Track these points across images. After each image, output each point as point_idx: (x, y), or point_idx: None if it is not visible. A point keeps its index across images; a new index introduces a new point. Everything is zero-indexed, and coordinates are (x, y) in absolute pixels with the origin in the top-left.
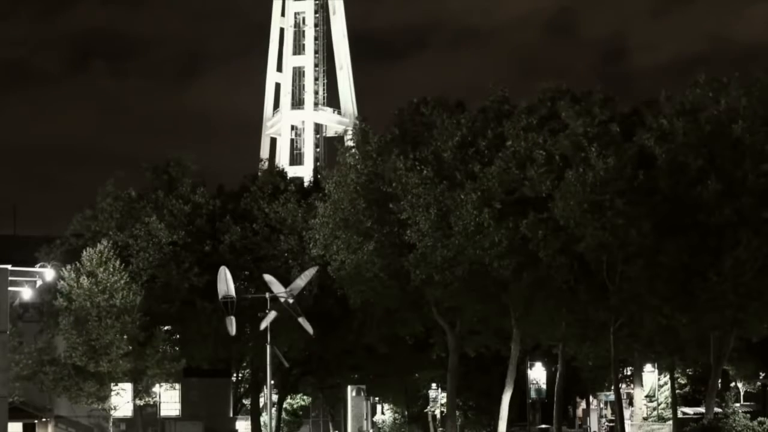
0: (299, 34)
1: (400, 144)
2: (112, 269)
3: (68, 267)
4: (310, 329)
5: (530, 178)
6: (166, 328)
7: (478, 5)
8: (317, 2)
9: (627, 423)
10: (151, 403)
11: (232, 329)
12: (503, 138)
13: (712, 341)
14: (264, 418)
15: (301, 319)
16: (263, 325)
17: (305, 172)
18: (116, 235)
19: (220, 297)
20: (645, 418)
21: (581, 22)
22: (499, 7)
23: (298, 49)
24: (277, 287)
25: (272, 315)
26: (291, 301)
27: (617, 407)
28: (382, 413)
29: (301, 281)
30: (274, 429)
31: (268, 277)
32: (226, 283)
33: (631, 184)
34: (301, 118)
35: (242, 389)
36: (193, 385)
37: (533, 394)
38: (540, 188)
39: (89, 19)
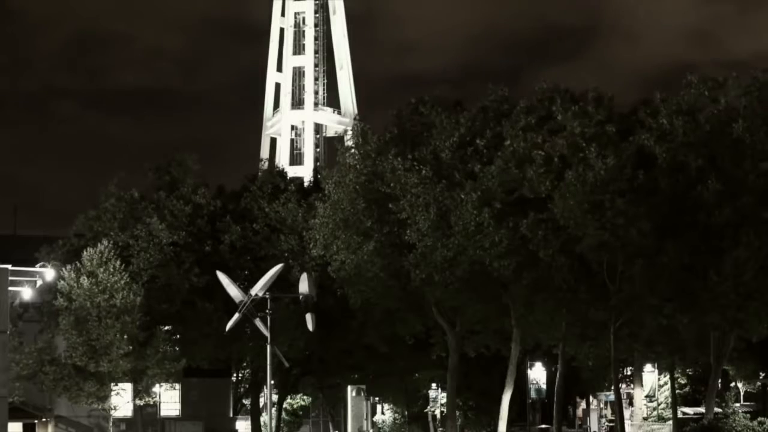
0: (299, 34)
1: (399, 144)
2: (112, 269)
3: (68, 267)
4: (311, 325)
5: (530, 178)
6: (166, 328)
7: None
8: (317, 2)
9: (627, 423)
10: (151, 403)
11: (265, 331)
12: (502, 138)
13: (712, 341)
14: (264, 418)
15: (308, 315)
16: (228, 327)
17: (305, 172)
18: (117, 235)
19: (237, 302)
20: (645, 418)
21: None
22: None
23: (298, 49)
24: (302, 285)
25: (236, 318)
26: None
27: (617, 407)
28: (382, 413)
29: (262, 281)
30: (274, 429)
31: (303, 279)
32: (233, 287)
33: (631, 184)
34: (301, 118)
35: (242, 389)
36: (193, 385)
37: (533, 394)
38: (540, 188)
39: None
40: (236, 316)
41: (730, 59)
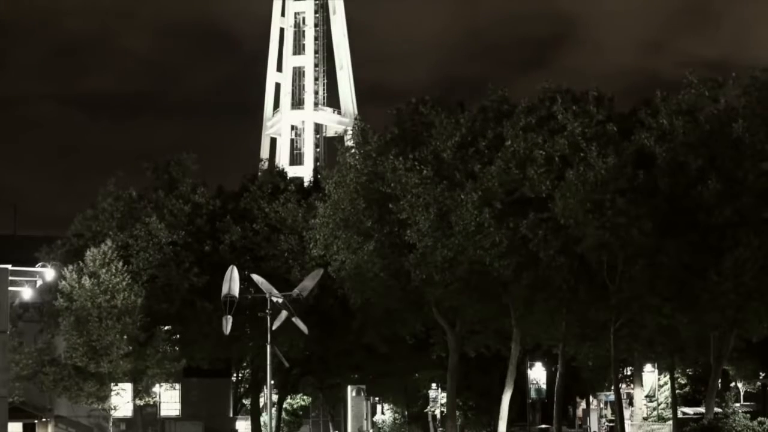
0: (299, 34)
1: (399, 144)
2: (114, 270)
3: (70, 267)
4: (304, 329)
5: (530, 178)
6: (166, 328)
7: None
8: (317, 2)
9: (627, 423)
10: (151, 403)
11: (227, 328)
12: (503, 138)
13: (712, 341)
14: (264, 418)
15: (294, 319)
16: (275, 325)
17: (305, 172)
18: (116, 235)
19: (222, 295)
20: (645, 418)
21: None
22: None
23: (298, 49)
24: (266, 287)
25: (284, 315)
26: (281, 300)
27: (617, 407)
28: (382, 413)
29: (309, 282)
30: (274, 429)
31: (256, 278)
32: (230, 282)
33: (632, 184)
34: (301, 118)
35: (242, 389)
36: (193, 385)
37: (533, 394)
38: (540, 188)
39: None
40: (283, 314)
41: (691, 61)
